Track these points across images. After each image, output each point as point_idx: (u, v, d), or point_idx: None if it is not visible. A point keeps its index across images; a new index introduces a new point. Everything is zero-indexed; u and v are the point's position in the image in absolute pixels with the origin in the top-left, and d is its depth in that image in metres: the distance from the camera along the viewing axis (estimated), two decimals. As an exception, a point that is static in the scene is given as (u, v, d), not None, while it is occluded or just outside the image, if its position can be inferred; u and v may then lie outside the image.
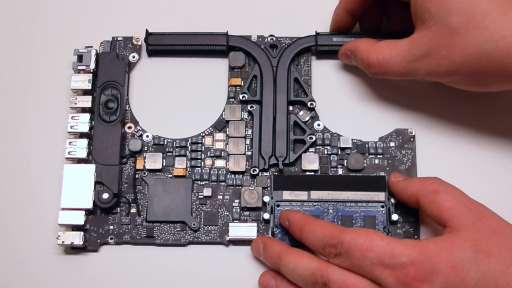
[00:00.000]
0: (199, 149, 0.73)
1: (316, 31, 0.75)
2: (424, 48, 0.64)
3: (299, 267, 0.63)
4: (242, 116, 0.73)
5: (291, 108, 0.74)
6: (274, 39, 0.75)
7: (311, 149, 0.72)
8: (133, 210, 0.71)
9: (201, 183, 0.72)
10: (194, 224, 0.70)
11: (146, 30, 0.75)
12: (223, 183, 0.72)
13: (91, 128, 0.72)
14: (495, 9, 0.62)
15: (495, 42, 0.61)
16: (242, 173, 0.72)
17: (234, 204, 0.71)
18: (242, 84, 0.74)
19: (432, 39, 0.64)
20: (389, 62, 0.67)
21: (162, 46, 0.75)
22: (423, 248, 0.58)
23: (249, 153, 0.72)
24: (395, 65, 0.67)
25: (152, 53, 0.76)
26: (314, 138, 0.72)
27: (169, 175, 0.72)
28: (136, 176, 0.72)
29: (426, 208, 0.64)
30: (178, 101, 0.75)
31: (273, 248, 0.66)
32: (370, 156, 0.72)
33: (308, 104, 0.73)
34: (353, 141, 0.72)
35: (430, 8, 0.63)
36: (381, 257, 0.59)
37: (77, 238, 0.68)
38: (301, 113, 0.73)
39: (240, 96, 0.73)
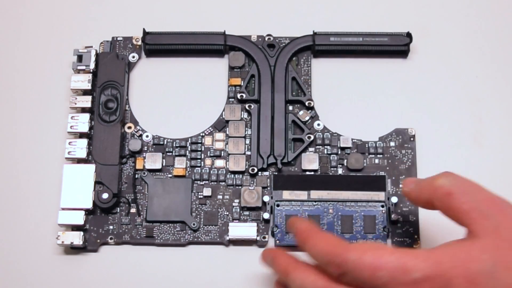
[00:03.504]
0: (199, 149, 0.73)
1: (313, 31, 0.75)
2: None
3: (305, 284, 0.58)
4: (242, 116, 0.73)
5: (290, 107, 0.74)
6: (272, 38, 0.75)
7: (311, 149, 0.72)
8: (133, 210, 0.71)
9: (201, 183, 0.72)
10: (194, 224, 0.70)
11: (144, 29, 0.75)
12: (223, 183, 0.72)
13: (91, 128, 0.72)
14: None
15: None
16: (242, 173, 0.72)
17: (234, 204, 0.71)
18: (242, 84, 0.74)
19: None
20: None
21: (160, 45, 0.75)
22: (437, 261, 0.54)
23: (249, 152, 0.72)
24: None
25: (149, 52, 0.76)
26: (312, 137, 0.72)
27: (169, 175, 0.72)
28: (136, 176, 0.72)
29: (444, 213, 0.58)
30: (178, 101, 0.75)
31: (280, 262, 0.62)
32: (370, 155, 0.72)
33: (306, 103, 0.73)
34: (353, 140, 0.72)
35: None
36: (393, 274, 0.54)
37: (77, 238, 0.68)
38: (301, 112, 0.73)
39: (238, 95, 0.73)
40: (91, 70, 0.73)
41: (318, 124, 0.73)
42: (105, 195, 0.70)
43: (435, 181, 0.58)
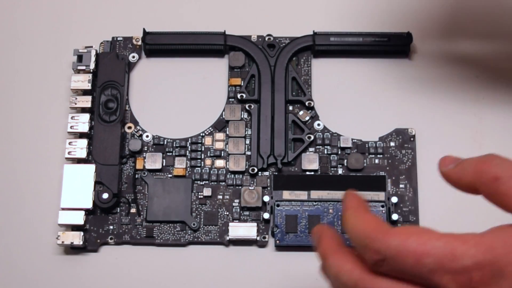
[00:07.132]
0: (199, 149, 0.73)
1: (313, 31, 0.75)
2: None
3: (341, 274, 0.51)
4: (242, 116, 0.73)
5: (290, 107, 0.74)
6: (272, 38, 0.75)
7: (311, 149, 0.72)
8: (133, 210, 0.71)
9: (201, 183, 0.72)
10: (194, 224, 0.70)
11: (144, 29, 0.75)
12: (223, 183, 0.72)
13: (91, 128, 0.72)
14: None
15: None
16: (242, 173, 0.72)
17: (234, 204, 0.71)
18: (242, 84, 0.74)
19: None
20: None
21: (160, 45, 0.75)
22: (489, 248, 0.48)
23: (249, 153, 0.72)
24: None
25: (149, 52, 0.76)
26: (312, 137, 0.72)
27: (169, 175, 0.72)
28: (136, 176, 0.72)
29: (489, 199, 0.51)
30: (178, 101, 0.75)
31: (322, 243, 0.54)
32: (370, 155, 0.72)
33: (306, 103, 0.73)
34: (353, 140, 0.72)
35: None
36: (441, 260, 0.48)
37: (77, 238, 0.68)
38: (301, 112, 0.73)
39: (238, 95, 0.73)
40: (91, 70, 0.73)
41: (318, 124, 0.73)
42: (105, 195, 0.70)
43: (481, 163, 0.52)
